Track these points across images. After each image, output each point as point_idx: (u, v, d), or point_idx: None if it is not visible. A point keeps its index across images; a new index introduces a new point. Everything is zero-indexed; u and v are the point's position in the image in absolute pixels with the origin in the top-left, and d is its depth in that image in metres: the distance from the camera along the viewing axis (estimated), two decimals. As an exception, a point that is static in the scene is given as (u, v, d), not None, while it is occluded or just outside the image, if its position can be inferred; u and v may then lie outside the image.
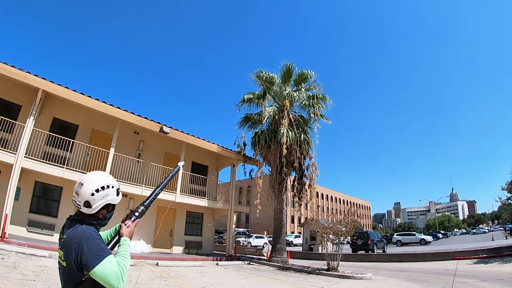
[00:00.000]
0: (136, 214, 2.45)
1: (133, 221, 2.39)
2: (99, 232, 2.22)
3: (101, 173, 2.33)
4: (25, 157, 13.35)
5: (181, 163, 3.29)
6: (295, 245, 46.34)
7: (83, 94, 15.27)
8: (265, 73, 22.43)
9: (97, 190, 2.17)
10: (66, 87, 14.72)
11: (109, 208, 2.31)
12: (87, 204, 2.15)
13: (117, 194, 2.32)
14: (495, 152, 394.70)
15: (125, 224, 2.33)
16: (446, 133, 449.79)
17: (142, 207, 2.50)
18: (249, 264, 19.59)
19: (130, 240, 2.30)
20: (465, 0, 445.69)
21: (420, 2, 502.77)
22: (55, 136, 14.88)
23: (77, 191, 2.16)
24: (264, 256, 24.01)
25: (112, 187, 2.28)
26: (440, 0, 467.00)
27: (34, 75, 13.72)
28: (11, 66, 13.12)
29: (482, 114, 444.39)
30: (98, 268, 1.88)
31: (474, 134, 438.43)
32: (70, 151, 15.64)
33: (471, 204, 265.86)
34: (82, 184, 2.17)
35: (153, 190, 2.62)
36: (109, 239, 2.38)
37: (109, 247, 2.14)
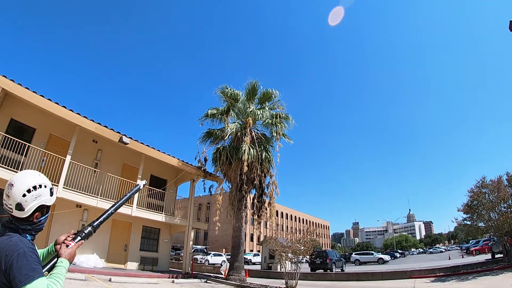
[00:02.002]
0: (82, 235, 2.23)
1: (76, 242, 2.17)
2: (35, 246, 2.03)
3: (32, 172, 2.11)
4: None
5: (141, 183, 2.95)
6: (254, 263, 46.03)
7: (43, 96, 14.66)
8: (230, 89, 22.54)
9: (28, 191, 1.98)
10: (26, 88, 14.09)
11: (43, 210, 2.11)
12: (19, 207, 1.96)
13: (51, 194, 2.13)
14: (451, 175, 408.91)
15: (66, 245, 2.10)
16: (403, 155, 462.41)
17: (89, 228, 2.28)
18: (206, 282, 19.22)
19: (70, 263, 2.07)
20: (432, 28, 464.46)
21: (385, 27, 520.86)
22: (11, 139, 14.10)
23: (7, 193, 1.96)
24: (221, 274, 23.71)
25: (45, 186, 2.08)
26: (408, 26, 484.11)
27: (-5, 72, 13.08)
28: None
29: (437, 136, 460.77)
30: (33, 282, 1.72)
31: (430, 157, 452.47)
32: (25, 156, 14.85)
33: (428, 225, 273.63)
34: (12, 184, 1.97)
35: (106, 210, 2.41)
36: (46, 255, 2.23)
37: (46, 268, 1.96)
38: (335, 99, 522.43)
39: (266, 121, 22.18)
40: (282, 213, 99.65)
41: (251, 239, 77.32)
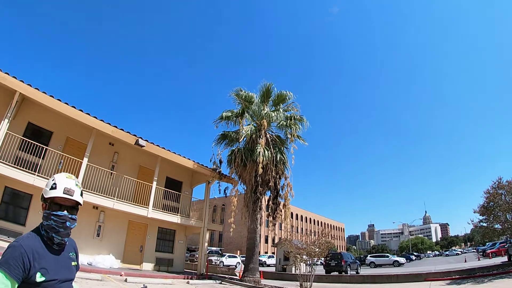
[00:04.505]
0: None
1: None
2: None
3: (66, 173, 2.30)
4: (-4, 160, 12.90)
5: None
6: (268, 265, 46.05)
7: (60, 100, 14.95)
8: (245, 92, 22.62)
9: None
10: (43, 92, 14.39)
11: (46, 204, 2.18)
12: None
13: (52, 188, 2.17)
14: (468, 175, 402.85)
15: None
16: (419, 156, 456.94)
17: None
18: (220, 283, 19.29)
19: None
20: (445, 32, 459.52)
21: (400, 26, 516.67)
22: (29, 142, 14.43)
23: None
24: (236, 276, 23.73)
25: (53, 180, 2.20)
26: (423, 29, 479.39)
27: (13, 76, 13.37)
28: (-11, 66, 12.78)
29: (454, 137, 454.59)
30: None
31: (446, 158, 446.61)
32: (43, 158, 15.15)
33: (444, 227, 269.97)
34: None
35: None
36: None
37: None
38: (350, 100, 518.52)
39: (281, 123, 22.20)
40: (297, 215, 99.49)
41: (266, 241, 77.33)
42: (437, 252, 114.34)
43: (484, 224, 20.19)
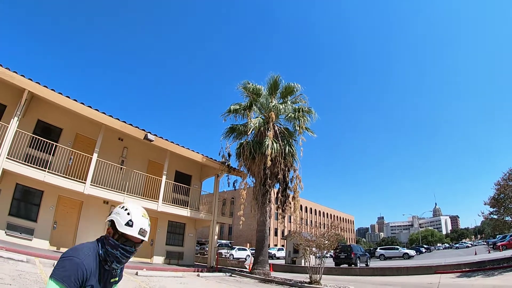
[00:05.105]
0: None
1: None
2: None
3: (137, 205, 2.38)
4: (7, 158, 13.02)
5: None
6: (278, 258, 46.12)
7: (68, 97, 15.04)
8: (252, 84, 22.54)
9: (120, 207, 2.29)
10: (52, 89, 14.49)
11: (114, 232, 2.21)
12: None
13: (127, 224, 2.19)
14: (479, 167, 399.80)
15: None
16: (429, 148, 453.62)
17: None
18: (230, 276, 19.38)
19: None
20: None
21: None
22: (39, 139, 14.57)
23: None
24: (246, 268, 23.83)
25: (128, 214, 2.22)
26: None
27: (21, 75, 13.49)
28: (-2, 64, 12.88)
29: (464, 129, 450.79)
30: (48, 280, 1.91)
31: (456, 150, 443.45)
32: (53, 155, 15.34)
33: (454, 219, 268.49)
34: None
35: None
36: None
37: None
38: (359, 91, 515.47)
39: (289, 115, 22.11)
40: (306, 207, 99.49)
41: (275, 234, 77.50)
42: (447, 245, 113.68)
43: (495, 217, 19.99)
